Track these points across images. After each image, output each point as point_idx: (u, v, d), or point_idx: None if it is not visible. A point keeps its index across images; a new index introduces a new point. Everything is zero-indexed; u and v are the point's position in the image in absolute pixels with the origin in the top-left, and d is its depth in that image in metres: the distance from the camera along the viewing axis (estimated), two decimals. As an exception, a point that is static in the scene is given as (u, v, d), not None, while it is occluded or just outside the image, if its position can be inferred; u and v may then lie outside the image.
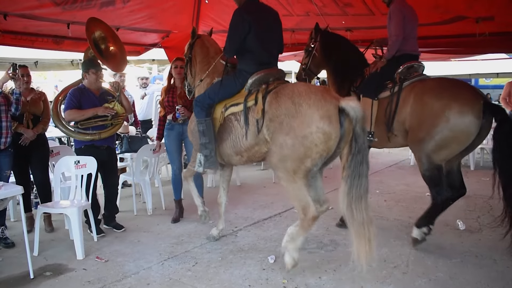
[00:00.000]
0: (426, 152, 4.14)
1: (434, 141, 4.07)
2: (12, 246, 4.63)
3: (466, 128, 3.96)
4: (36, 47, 6.42)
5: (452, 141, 4.04)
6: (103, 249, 4.57)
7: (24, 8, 5.18)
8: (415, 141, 4.26)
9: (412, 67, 4.57)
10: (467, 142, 4.06)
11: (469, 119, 3.93)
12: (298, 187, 3.65)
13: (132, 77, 9.12)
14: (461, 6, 5.48)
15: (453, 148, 4.10)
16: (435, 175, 4.18)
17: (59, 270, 4.08)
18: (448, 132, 4.00)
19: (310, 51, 5.24)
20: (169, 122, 5.39)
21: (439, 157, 4.13)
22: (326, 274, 3.89)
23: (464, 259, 4.16)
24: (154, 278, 3.87)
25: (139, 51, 7.98)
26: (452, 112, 3.96)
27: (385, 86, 4.56)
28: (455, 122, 3.96)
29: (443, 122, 3.99)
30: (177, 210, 5.55)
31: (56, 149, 5.82)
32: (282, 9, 6.32)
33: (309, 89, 3.67)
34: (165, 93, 5.43)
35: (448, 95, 4.05)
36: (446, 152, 4.11)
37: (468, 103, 3.97)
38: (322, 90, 3.71)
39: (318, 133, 3.46)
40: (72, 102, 4.84)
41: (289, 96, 3.66)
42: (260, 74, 4.06)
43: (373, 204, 6.06)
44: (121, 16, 6.25)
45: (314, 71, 5.36)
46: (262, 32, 4.07)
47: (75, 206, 4.50)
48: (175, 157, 5.48)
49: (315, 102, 3.52)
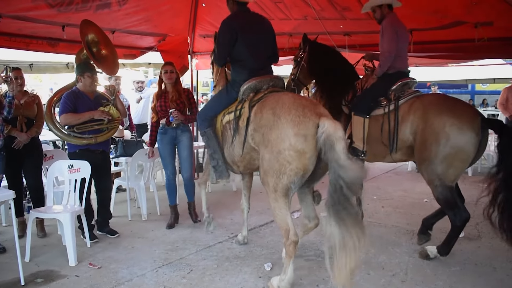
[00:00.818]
0: (437, 174, 4.06)
1: (438, 160, 4.02)
2: (3, 251, 4.54)
3: (466, 145, 3.95)
4: (31, 49, 6.34)
5: (455, 159, 4.00)
6: (96, 255, 4.49)
7: (19, 9, 5.11)
8: (422, 162, 4.20)
9: (406, 84, 4.56)
10: (469, 159, 4.04)
11: (469, 136, 3.93)
12: (279, 206, 3.49)
13: (128, 81, 9.06)
14: (460, 11, 5.45)
15: (458, 166, 4.06)
16: (449, 197, 4.09)
17: (50, 276, 4.00)
18: (449, 150, 3.97)
19: (299, 61, 5.19)
20: (163, 126, 5.34)
21: (449, 177, 4.06)
22: (324, 283, 3.82)
23: (463, 267, 4.12)
24: (148, 285, 3.80)
25: (135, 54, 7.92)
26: (452, 129, 3.95)
27: (379, 103, 4.52)
28: (455, 139, 3.95)
29: (443, 139, 3.97)
30: (172, 215, 5.49)
31: (50, 153, 5.74)
32: (279, 13, 6.29)
33: (293, 102, 3.48)
34: (156, 98, 5.38)
35: (447, 112, 4.04)
36: (453, 171, 4.05)
37: (467, 119, 3.97)
38: (306, 105, 3.46)
39: (290, 151, 3.28)
40: (68, 105, 4.77)
41: (272, 107, 3.54)
42: (251, 82, 4.00)
43: (371, 211, 6.02)
44: (117, 19, 6.19)
45: (303, 81, 5.29)
46: (251, 39, 4.05)
47: (68, 211, 4.43)
48: (168, 162, 5.43)
49: (294, 118, 3.34)
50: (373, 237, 4.51)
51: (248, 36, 4.05)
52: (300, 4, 6.01)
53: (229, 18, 4.12)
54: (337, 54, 5.21)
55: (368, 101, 4.58)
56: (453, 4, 5.37)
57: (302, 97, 3.77)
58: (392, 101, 4.44)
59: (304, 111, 3.37)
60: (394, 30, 4.52)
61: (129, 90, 8.20)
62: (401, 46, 4.58)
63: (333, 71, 4.96)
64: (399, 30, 4.57)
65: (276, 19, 6.42)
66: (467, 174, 8.49)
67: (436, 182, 4.10)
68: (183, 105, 5.38)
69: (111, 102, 5.06)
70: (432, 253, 4.25)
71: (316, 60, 5.06)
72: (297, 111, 3.38)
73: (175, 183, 5.51)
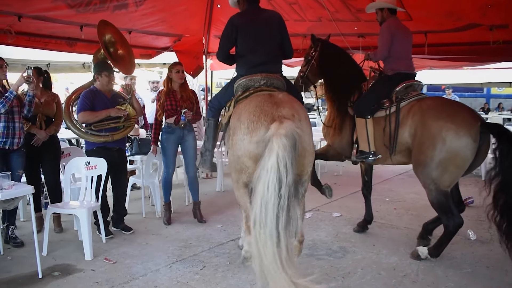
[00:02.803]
0: (431, 178, 4.09)
1: (434, 164, 4.03)
2: (22, 245, 4.65)
3: (462, 150, 3.92)
4: (49, 49, 6.45)
5: (451, 164, 3.99)
6: (112, 250, 4.57)
7: (38, 10, 5.21)
8: (418, 165, 4.22)
9: (410, 86, 4.56)
10: (466, 165, 4.01)
11: (466, 141, 3.90)
12: (241, 195, 3.51)
13: (143, 80, 9.16)
14: (474, 13, 5.44)
15: (454, 172, 4.05)
16: (443, 202, 4.12)
17: (67, 270, 4.09)
18: (445, 154, 3.96)
19: (309, 60, 5.20)
20: (170, 126, 5.37)
21: (444, 182, 4.07)
22: (335, 281, 3.85)
23: (474, 270, 4.11)
24: (161, 280, 3.87)
25: (150, 54, 8.00)
26: (449, 134, 3.94)
27: (382, 105, 4.55)
28: (452, 145, 3.93)
29: (439, 143, 3.97)
30: (168, 212, 5.58)
31: (67, 150, 5.85)
32: (294, 14, 6.33)
33: (256, 106, 3.42)
34: (165, 96, 5.40)
35: (445, 116, 4.03)
36: (449, 177, 4.06)
37: (465, 125, 3.94)
38: (265, 110, 3.36)
39: (246, 157, 3.29)
40: (86, 104, 4.87)
41: (239, 112, 3.55)
42: (242, 79, 3.96)
43: (383, 212, 6.03)
44: (133, 19, 6.28)
45: (312, 79, 5.31)
46: (251, 36, 4.02)
47: (84, 207, 4.52)
48: (171, 161, 5.49)
49: (249, 124, 3.32)
50: (385, 238, 4.52)
51: (249, 33, 4.03)
52: (315, 5, 6.04)
53: (234, 15, 4.16)
54: (346, 55, 5.23)
55: (369, 102, 4.61)
56: (468, 7, 5.37)
57: (273, 98, 3.51)
58: (394, 103, 4.47)
59: (259, 117, 3.32)
60: (390, 34, 4.56)
61: (144, 89, 8.29)
62: (401, 49, 4.60)
63: (341, 72, 5.01)
64: (398, 33, 4.59)
65: (291, 20, 6.46)
66: (481, 177, 8.44)
67: (431, 186, 4.12)
68: (192, 105, 5.46)
69: (127, 101, 5.15)
70: (423, 254, 4.28)
71: (326, 59, 5.09)
72: (254, 116, 3.34)
73: (171, 181, 5.60)
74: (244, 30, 4.04)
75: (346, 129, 4.89)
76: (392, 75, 4.63)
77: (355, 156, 4.76)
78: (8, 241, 4.66)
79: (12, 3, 4.90)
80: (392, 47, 4.59)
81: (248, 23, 4.06)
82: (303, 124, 3.38)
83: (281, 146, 2.94)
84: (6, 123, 4.50)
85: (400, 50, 4.61)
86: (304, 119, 3.45)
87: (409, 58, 4.75)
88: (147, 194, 6.49)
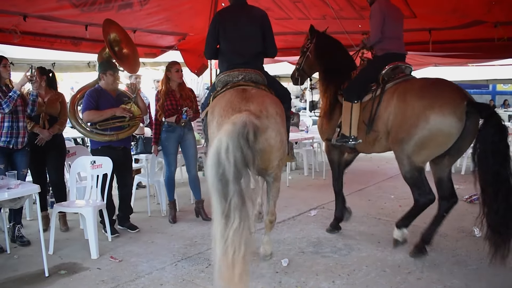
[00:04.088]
0: (407, 153, 4.09)
1: (413, 141, 4.01)
2: (28, 244, 4.68)
3: (446, 130, 3.87)
4: (54, 48, 6.48)
5: (432, 142, 3.97)
6: (117, 249, 4.60)
7: (44, 9, 5.22)
8: (396, 142, 4.20)
9: (397, 68, 4.51)
10: (446, 144, 3.97)
11: (450, 120, 3.84)
12: None
13: (148, 79, 9.19)
14: (479, 10, 5.41)
15: (432, 149, 4.03)
16: (416, 177, 4.12)
17: (73, 268, 4.12)
18: (427, 133, 3.93)
19: (305, 51, 5.22)
20: (170, 125, 5.38)
21: (419, 158, 4.07)
22: (340, 279, 3.86)
23: (480, 266, 4.10)
24: (167, 278, 3.89)
25: (155, 53, 8.02)
26: (432, 113, 3.89)
27: (370, 88, 4.53)
28: (435, 123, 3.88)
29: (422, 122, 3.93)
30: (173, 210, 5.60)
31: (73, 149, 5.88)
32: (298, 13, 6.32)
33: (227, 101, 3.57)
34: (164, 96, 5.40)
35: (430, 95, 3.98)
36: (426, 153, 4.05)
37: (449, 103, 3.87)
38: (232, 104, 3.49)
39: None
40: (90, 103, 4.89)
41: (215, 105, 3.66)
42: (223, 75, 4.04)
43: (388, 210, 6.02)
44: (138, 18, 6.28)
45: (307, 72, 5.33)
46: (232, 34, 4.05)
47: (90, 206, 4.55)
48: (173, 160, 5.51)
49: (218, 119, 3.48)
50: (390, 235, 4.51)
51: (230, 30, 4.05)
52: (319, 3, 6.03)
53: (218, 11, 4.21)
54: (340, 47, 5.17)
55: (356, 86, 4.60)
56: (472, 3, 5.34)
57: (245, 93, 3.60)
58: (380, 85, 4.44)
59: (228, 111, 3.45)
60: (382, 15, 4.50)
61: (149, 88, 8.32)
62: (391, 28, 4.54)
63: (334, 63, 5.00)
64: (388, 13, 4.53)
65: (295, 18, 6.46)
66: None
67: (404, 161, 4.13)
68: (192, 103, 5.49)
69: (132, 100, 5.17)
70: (399, 236, 4.37)
71: (320, 51, 5.09)
72: (224, 111, 3.48)
73: (174, 180, 5.63)
74: (226, 27, 4.07)
75: (335, 118, 4.86)
76: (380, 56, 4.60)
77: (336, 139, 4.77)
78: (15, 240, 4.69)
79: (17, 3, 4.92)
80: (384, 27, 4.52)
81: (230, 20, 4.09)
82: (270, 120, 3.47)
83: (225, 131, 3.06)
84: (10, 123, 4.53)
85: (391, 30, 4.54)
86: (273, 115, 3.53)
87: (399, 38, 4.67)
88: (152, 192, 6.52)
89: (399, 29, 4.66)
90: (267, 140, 3.44)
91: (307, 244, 4.71)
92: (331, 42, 5.14)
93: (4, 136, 4.51)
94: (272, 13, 6.34)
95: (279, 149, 3.57)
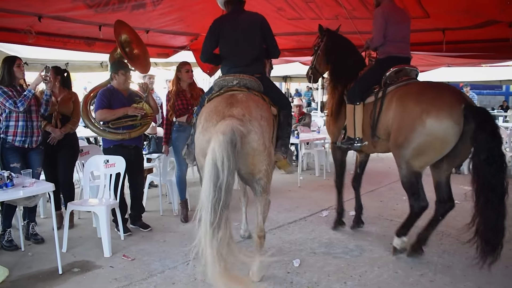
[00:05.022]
0: (405, 158, 4.06)
1: (411, 146, 3.98)
2: (42, 242, 4.73)
3: (443, 134, 3.82)
4: (68, 49, 6.52)
5: (429, 147, 3.93)
6: (130, 247, 4.63)
7: (58, 10, 5.27)
8: (394, 146, 4.19)
9: (401, 71, 4.47)
10: (445, 149, 3.92)
11: (446, 124, 3.78)
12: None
13: (160, 79, 9.22)
14: (493, 10, 5.35)
15: (431, 155, 3.99)
16: (413, 182, 4.10)
17: (86, 266, 4.16)
18: (425, 138, 3.89)
19: (316, 50, 5.26)
20: (181, 124, 5.41)
21: (417, 163, 4.04)
22: (352, 280, 3.86)
23: (493, 269, 4.06)
24: (179, 277, 3.91)
25: (168, 54, 8.05)
26: (429, 117, 3.84)
27: (372, 90, 4.51)
28: (432, 128, 3.83)
29: (420, 127, 3.89)
30: (184, 210, 5.62)
31: (86, 148, 5.94)
32: (311, 13, 6.29)
33: (213, 107, 3.63)
34: (175, 96, 5.43)
35: (427, 100, 3.94)
36: (424, 159, 4.02)
37: (446, 107, 3.82)
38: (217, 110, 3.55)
39: (199, 155, 3.58)
40: (103, 102, 4.93)
41: (204, 109, 3.74)
42: (219, 79, 4.11)
43: (400, 211, 5.99)
44: (151, 18, 6.31)
45: (319, 70, 5.35)
46: (230, 39, 4.11)
47: (103, 204, 4.58)
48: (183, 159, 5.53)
49: (204, 124, 3.54)
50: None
51: (229, 35, 4.11)
52: (331, 3, 6.01)
53: (218, 17, 4.26)
54: (349, 45, 5.17)
55: (359, 88, 4.59)
56: (486, 3, 5.28)
57: (232, 98, 3.67)
58: (383, 88, 4.42)
59: (212, 116, 3.52)
60: (384, 19, 4.48)
61: (161, 88, 8.35)
62: (396, 32, 4.50)
63: (342, 62, 5.00)
64: (391, 16, 4.49)
65: (307, 18, 6.44)
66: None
67: (403, 166, 4.11)
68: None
69: (143, 99, 5.21)
70: (398, 244, 4.35)
71: (329, 50, 5.11)
72: (209, 116, 3.56)
73: (185, 179, 5.65)
74: (225, 32, 4.14)
75: (341, 118, 4.87)
76: (383, 59, 4.59)
77: (341, 142, 4.78)
78: (29, 238, 4.75)
79: (32, 4, 4.97)
80: (386, 31, 4.50)
81: (229, 26, 4.15)
82: (253, 123, 3.50)
83: (217, 142, 3.14)
84: (25, 122, 4.59)
85: (395, 33, 4.51)
86: (257, 118, 3.55)
87: (404, 42, 4.62)
88: (164, 192, 6.55)
89: (404, 32, 4.61)
90: (249, 143, 3.48)
91: (319, 245, 4.71)
92: (339, 41, 5.15)
93: (19, 136, 4.57)
94: (285, 13, 6.35)
95: (263, 152, 3.57)
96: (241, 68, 4.04)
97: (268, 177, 3.70)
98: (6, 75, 4.57)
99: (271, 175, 3.76)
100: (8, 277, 3.84)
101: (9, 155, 4.57)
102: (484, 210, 3.66)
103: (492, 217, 3.63)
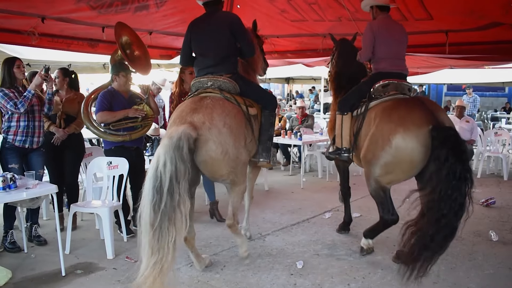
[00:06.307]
0: (374, 175, 4.06)
1: (379, 164, 3.97)
2: (45, 244, 4.73)
3: (409, 156, 3.78)
4: (71, 50, 6.53)
5: (396, 167, 3.91)
6: (133, 249, 4.61)
7: (62, 11, 5.27)
8: (364, 161, 4.22)
9: (388, 85, 4.35)
10: (412, 170, 3.88)
11: (412, 146, 3.73)
12: None
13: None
14: (497, 12, 5.34)
15: (399, 174, 3.98)
16: (381, 196, 4.12)
17: (89, 268, 4.16)
18: (391, 158, 3.86)
19: (331, 58, 5.33)
20: None
21: (385, 180, 4.04)
22: (355, 282, 3.85)
23: (496, 271, 4.07)
24: (182, 279, 3.91)
25: (171, 55, 8.06)
26: (395, 138, 3.80)
27: (359, 103, 4.50)
28: (397, 148, 3.80)
29: (387, 146, 3.86)
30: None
31: (89, 150, 5.92)
32: (314, 15, 6.30)
33: (180, 111, 3.73)
34: (178, 98, 5.45)
35: (397, 118, 3.90)
36: (391, 177, 4.02)
37: (413, 128, 3.75)
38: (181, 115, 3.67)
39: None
40: (104, 104, 4.93)
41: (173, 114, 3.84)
42: (195, 81, 4.18)
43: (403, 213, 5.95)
44: (154, 20, 6.32)
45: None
46: (199, 39, 4.17)
47: (106, 206, 4.58)
48: None
49: (170, 128, 3.61)
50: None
51: (199, 36, 4.17)
52: (334, 5, 6.01)
53: (192, 20, 4.31)
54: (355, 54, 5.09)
55: (348, 100, 4.61)
56: (490, 5, 5.27)
57: (199, 103, 3.73)
58: (367, 101, 4.40)
59: (175, 121, 3.65)
60: (372, 34, 4.43)
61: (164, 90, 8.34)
62: (386, 49, 4.44)
63: (345, 71, 5.03)
64: (382, 33, 4.43)
65: (310, 20, 6.44)
66: (503, 178, 8.34)
67: (371, 180, 4.12)
68: None
69: (144, 101, 5.20)
70: (364, 244, 4.42)
71: (338, 58, 5.16)
72: (173, 121, 3.69)
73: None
74: (196, 34, 4.20)
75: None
76: (374, 74, 4.58)
77: (328, 152, 4.86)
78: (32, 240, 4.75)
79: (36, 5, 4.98)
80: (376, 48, 4.46)
81: (200, 27, 4.20)
82: (212, 131, 3.57)
83: (162, 145, 3.30)
84: (26, 122, 4.60)
85: (385, 50, 4.44)
86: (217, 126, 3.61)
87: (395, 58, 4.51)
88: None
89: (396, 49, 4.50)
90: (207, 152, 3.56)
91: (322, 247, 4.70)
92: (348, 49, 5.16)
93: (20, 135, 4.57)
94: (288, 15, 6.35)
95: (222, 160, 3.62)
96: (210, 69, 4.11)
97: (235, 175, 3.80)
98: (7, 76, 4.58)
99: (239, 171, 3.86)
100: (11, 279, 3.84)
101: (8, 155, 4.58)
102: (430, 226, 3.51)
103: (440, 236, 3.47)
